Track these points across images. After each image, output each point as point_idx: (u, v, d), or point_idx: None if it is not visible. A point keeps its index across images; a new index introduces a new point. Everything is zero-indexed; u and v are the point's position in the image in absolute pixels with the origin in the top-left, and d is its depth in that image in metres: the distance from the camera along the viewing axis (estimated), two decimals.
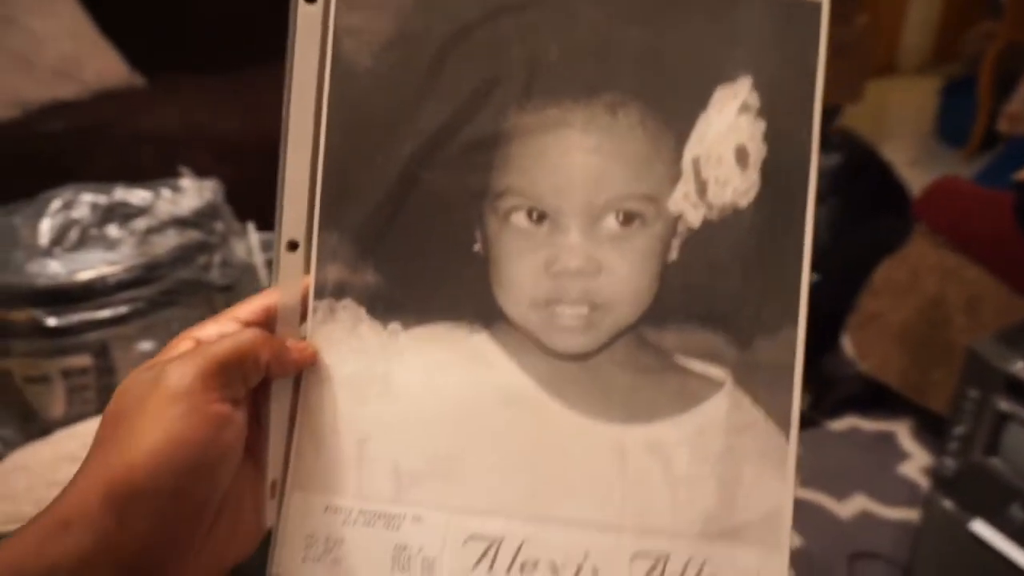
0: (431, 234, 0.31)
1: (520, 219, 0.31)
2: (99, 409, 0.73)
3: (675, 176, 0.31)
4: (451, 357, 0.32)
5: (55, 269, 0.74)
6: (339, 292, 0.32)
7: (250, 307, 0.31)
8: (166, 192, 0.83)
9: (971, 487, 0.93)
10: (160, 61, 1.72)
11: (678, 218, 0.31)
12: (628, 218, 0.31)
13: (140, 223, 0.80)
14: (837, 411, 1.38)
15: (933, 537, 1.00)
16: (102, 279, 0.74)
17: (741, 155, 0.31)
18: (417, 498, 0.31)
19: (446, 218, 0.31)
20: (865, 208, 1.38)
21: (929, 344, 1.20)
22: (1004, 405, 0.87)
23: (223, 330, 0.29)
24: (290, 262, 0.31)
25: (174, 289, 0.78)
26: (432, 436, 0.32)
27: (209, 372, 0.27)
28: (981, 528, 0.91)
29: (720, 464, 0.31)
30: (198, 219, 0.82)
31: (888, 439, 1.33)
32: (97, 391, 0.75)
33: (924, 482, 1.19)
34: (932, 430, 1.24)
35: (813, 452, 1.28)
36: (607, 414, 0.32)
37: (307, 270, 0.31)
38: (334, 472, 0.31)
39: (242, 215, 1.05)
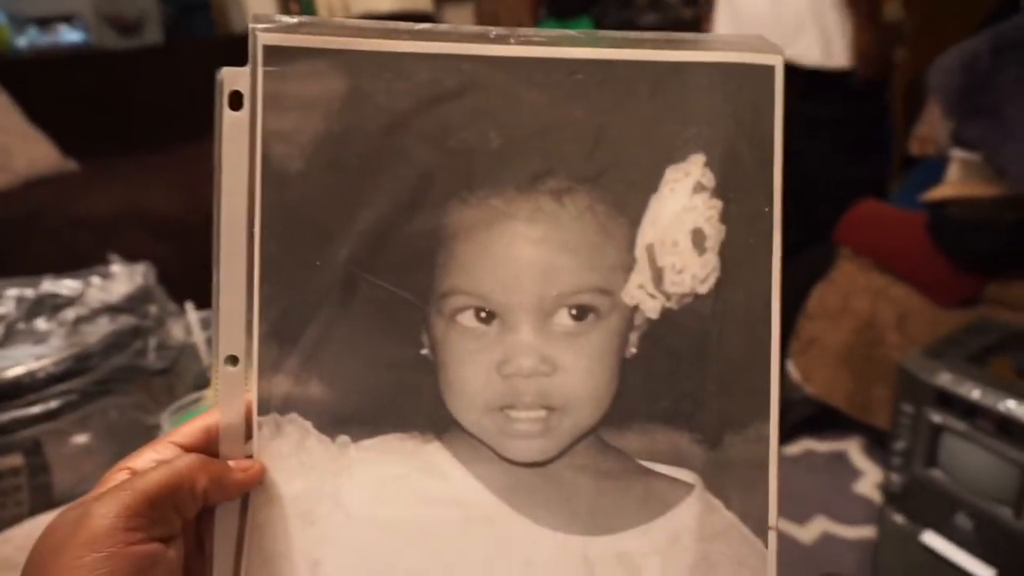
0: (376, 340, 0.30)
1: (468, 319, 0.30)
2: (33, 511, 0.71)
3: (629, 264, 0.29)
4: (403, 471, 0.30)
5: None
6: (284, 407, 0.30)
7: (190, 429, 0.29)
8: (95, 280, 0.82)
9: (918, 500, 0.96)
10: (93, 145, 1.72)
11: (635, 309, 0.29)
12: (582, 312, 0.29)
13: (69, 313, 0.78)
14: (790, 436, 1.40)
15: (890, 553, 1.02)
16: (31, 375, 0.73)
17: (698, 238, 0.29)
18: None
19: (390, 323, 0.30)
20: (794, 235, 1.44)
21: (867, 363, 1.24)
22: (937, 418, 0.90)
23: (160, 456, 0.28)
24: (230, 378, 0.29)
25: (108, 378, 0.76)
26: (387, 557, 0.30)
27: (135, 510, 0.25)
28: (932, 539, 0.93)
29: (695, 575, 0.29)
30: (130, 304, 0.81)
31: (841, 459, 1.35)
32: (30, 491, 0.72)
33: (878, 498, 1.22)
34: (882, 445, 1.27)
35: None
36: (571, 525, 0.30)
37: (248, 385, 0.30)
38: None
39: (182, 293, 1.04)
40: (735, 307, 0.29)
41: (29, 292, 0.79)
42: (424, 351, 0.30)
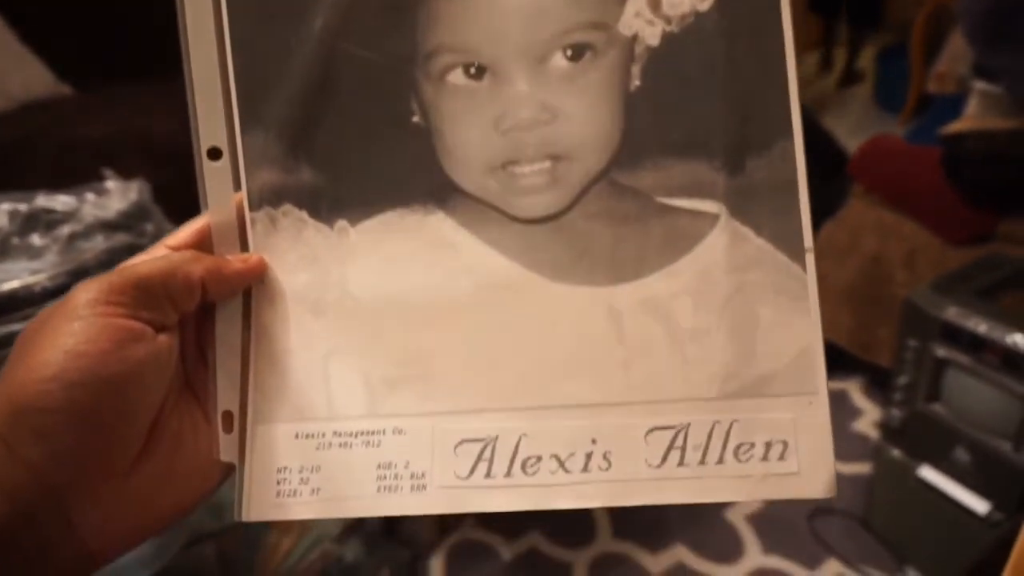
0: (363, 113, 0.28)
1: (457, 77, 0.28)
2: None
3: None
4: (409, 246, 0.29)
5: None
6: (276, 198, 0.28)
7: (183, 234, 0.28)
8: (90, 196, 0.80)
9: (917, 434, 0.96)
10: (88, 69, 1.68)
11: (633, 40, 0.27)
12: (577, 52, 0.28)
13: (64, 229, 0.77)
14: None
15: (885, 486, 1.03)
16: (27, 288, 0.72)
17: None
18: (395, 408, 0.28)
19: (376, 92, 0.28)
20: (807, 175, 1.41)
21: (873, 301, 1.23)
22: (942, 352, 0.89)
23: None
24: (215, 173, 0.28)
25: None
26: (402, 337, 0.29)
27: (120, 288, 0.25)
28: (928, 473, 0.94)
29: (729, 310, 0.28)
30: (126, 221, 0.80)
31: (840, 398, 1.36)
32: None
33: (876, 436, 1.22)
34: (882, 385, 1.27)
35: None
36: (592, 277, 0.28)
37: (237, 183, 0.28)
38: (300, 395, 0.28)
39: (179, 217, 1.03)
40: (741, 20, 0.27)
41: (23, 207, 0.78)
42: (415, 118, 0.28)
